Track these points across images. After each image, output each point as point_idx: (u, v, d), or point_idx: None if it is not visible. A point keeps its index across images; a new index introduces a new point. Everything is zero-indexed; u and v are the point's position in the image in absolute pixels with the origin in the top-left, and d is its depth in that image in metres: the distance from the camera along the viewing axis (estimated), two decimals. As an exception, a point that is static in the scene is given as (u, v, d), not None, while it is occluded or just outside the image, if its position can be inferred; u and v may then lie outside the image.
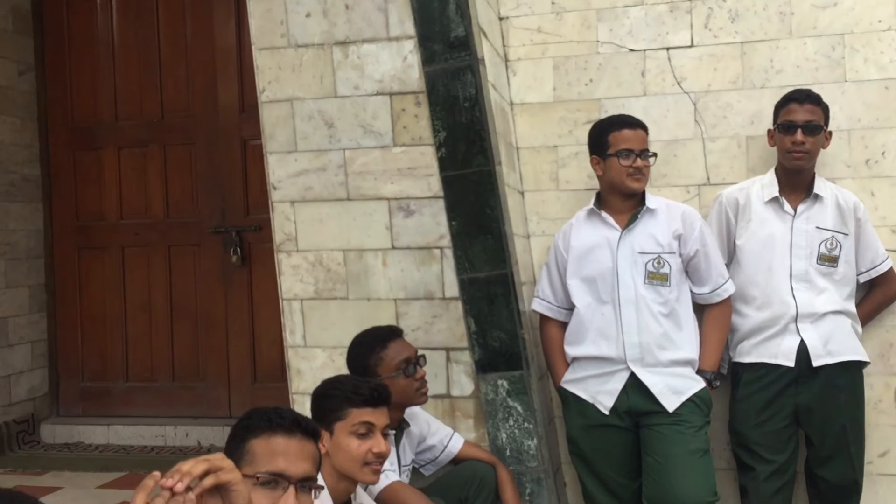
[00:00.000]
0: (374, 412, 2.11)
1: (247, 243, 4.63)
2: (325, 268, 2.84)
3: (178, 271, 4.76)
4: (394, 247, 2.79)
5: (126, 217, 4.82)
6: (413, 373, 2.49)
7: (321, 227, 2.84)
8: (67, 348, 4.85)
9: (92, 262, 4.85)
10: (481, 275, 2.71)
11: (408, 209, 2.77)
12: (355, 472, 2.08)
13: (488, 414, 2.73)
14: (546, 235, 3.08)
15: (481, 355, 2.72)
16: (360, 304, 2.83)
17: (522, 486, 2.71)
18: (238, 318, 4.65)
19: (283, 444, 1.66)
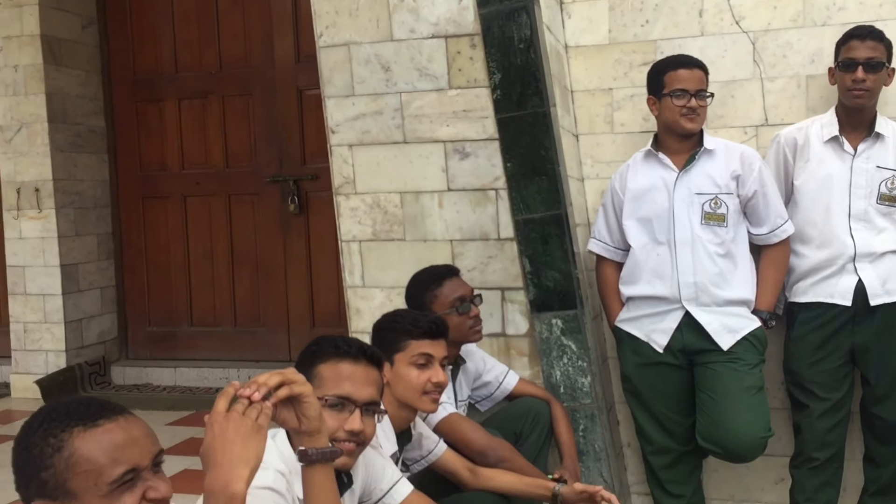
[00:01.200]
0: (432, 344, 2.18)
1: (304, 192, 4.73)
2: (382, 210, 2.91)
3: (238, 220, 4.88)
4: (449, 189, 2.84)
5: (187, 167, 4.95)
6: (466, 311, 2.55)
7: (378, 170, 2.89)
8: (134, 294, 5.04)
9: (155, 211, 5.00)
10: (536, 215, 2.74)
11: (463, 151, 2.81)
12: (415, 401, 2.16)
13: (542, 352, 2.78)
14: (600, 179, 3.09)
15: (536, 295, 2.77)
16: (417, 245, 2.88)
17: (576, 423, 2.77)
18: (296, 265, 4.76)
19: (350, 370, 1.74)
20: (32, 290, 4.66)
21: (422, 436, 2.32)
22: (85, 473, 1.22)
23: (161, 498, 1.26)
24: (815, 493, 2.70)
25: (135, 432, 1.28)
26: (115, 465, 1.23)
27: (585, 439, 2.77)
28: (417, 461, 2.33)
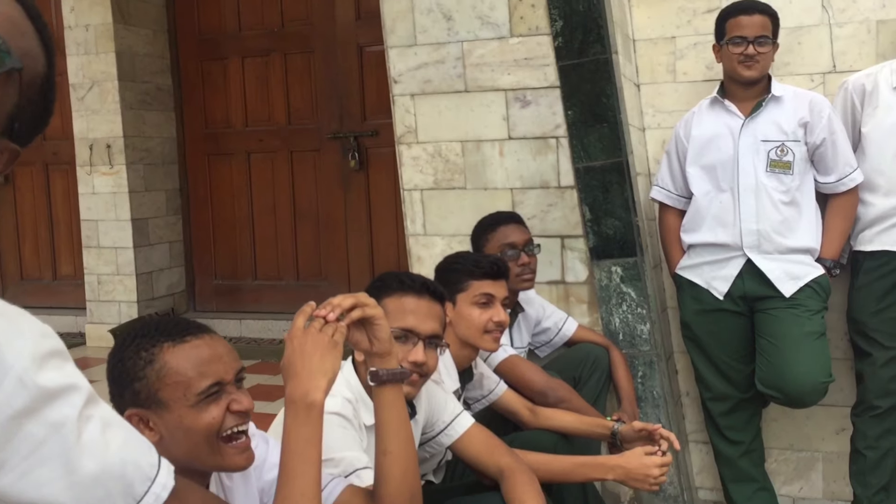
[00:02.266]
0: (493, 284, 2.22)
1: (364, 148, 4.79)
2: (443, 158, 2.95)
3: (300, 176, 4.98)
4: (510, 137, 2.86)
5: (251, 124, 5.06)
6: (513, 257, 2.58)
7: (440, 119, 2.93)
8: (201, 248, 5.19)
9: (220, 168, 5.13)
10: (597, 163, 2.75)
11: (524, 99, 2.83)
12: (476, 340, 2.21)
13: (602, 299, 2.81)
14: (661, 128, 3.08)
15: (596, 242, 2.79)
16: (477, 194, 2.92)
17: (635, 369, 2.79)
18: (356, 220, 4.85)
19: (414, 304, 1.81)
20: (105, 244, 4.84)
21: (482, 376, 2.38)
22: (174, 385, 1.30)
23: (244, 410, 1.35)
24: (877, 440, 2.69)
25: (219, 349, 1.36)
26: (201, 378, 1.31)
27: (644, 386, 2.80)
28: (478, 400, 2.39)
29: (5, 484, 0.88)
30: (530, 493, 1.85)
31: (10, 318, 0.90)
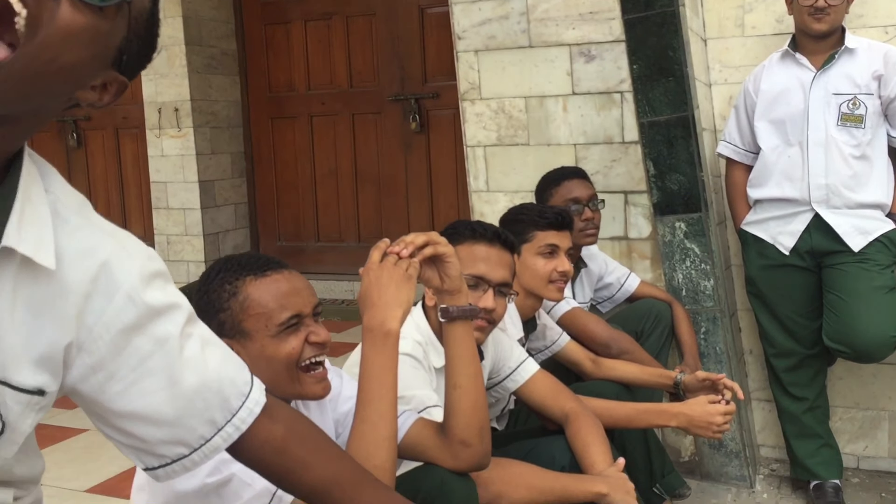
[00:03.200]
0: (558, 235, 2.24)
1: (424, 110, 4.82)
2: (506, 115, 2.96)
3: (361, 138, 5.04)
4: (574, 92, 2.86)
5: (313, 87, 5.13)
6: (577, 212, 2.59)
7: (503, 75, 2.94)
8: (265, 210, 5.31)
9: (284, 131, 5.22)
10: (662, 118, 2.73)
11: (589, 54, 2.82)
12: (541, 289, 2.24)
13: (665, 255, 2.80)
14: (729, 84, 3.04)
15: (659, 198, 2.78)
16: (540, 150, 2.93)
17: (698, 325, 2.79)
18: (417, 182, 4.89)
19: (485, 252, 1.84)
20: (174, 205, 4.98)
21: (546, 327, 2.41)
22: (257, 316, 1.37)
23: (321, 342, 1.40)
24: (947, 399, 2.65)
25: (298, 284, 1.42)
26: (282, 310, 1.37)
27: (707, 342, 2.79)
28: (541, 351, 2.42)
29: (114, 393, 0.94)
30: (595, 436, 1.88)
31: (119, 239, 0.97)
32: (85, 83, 0.89)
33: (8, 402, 0.88)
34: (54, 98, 0.88)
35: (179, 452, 1.01)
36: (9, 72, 0.80)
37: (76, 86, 0.88)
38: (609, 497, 1.72)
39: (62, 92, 0.88)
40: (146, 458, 1.01)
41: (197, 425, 1.00)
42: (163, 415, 0.97)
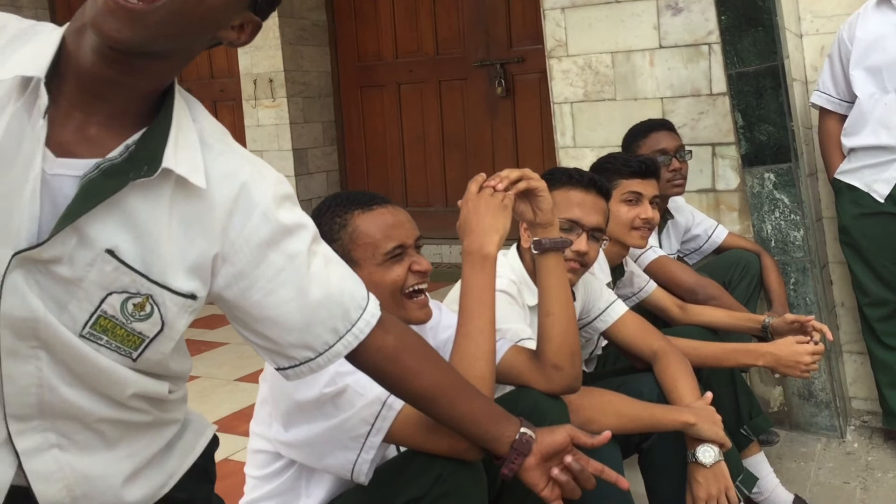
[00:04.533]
0: (642, 182, 2.29)
1: (510, 75, 4.88)
2: (593, 71, 3.01)
3: (448, 104, 5.14)
4: (661, 46, 2.88)
5: (401, 56, 5.25)
6: (665, 163, 2.63)
7: (590, 32, 2.98)
8: (356, 177, 5.48)
9: (372, 99, 5.36)
10: (750, 68, 2.73)
11: (676, 7, 2.83)
12: (624, 236, 2.30)
13: (753, 206, 2.81)
14: (820, 34, 3.00)
15: (748, 149, 2.79)
16: (627, 105, 2.97)
17: (787, 276, 2.80)
18: (503, 146, 4.97)
19: (580, 197, 1.92)
20: (269, 173, 5.18)
21: (633, 274, 2.47)
22: (364, 245, 1.48)
23: (423, 270, 1.51)
24: None
25: (402, 217, 1.53)
26: (387, 241, 1.49)
27: (796, 292, 2.80)
28: (628, 297, 2.48)
29: (253, 301, 1.08)
30: (683, 372, 1.94)
31: (255, 164, 1.10)
32: (226, 23, 1.01)
33: (167, 304, 1.02)
34: (200, 37, 1.01)
35: (306, 356, 1.13)
36: (163, 13, 0.92)
37: (219, 26, 1.01)
38: (696, 426, 1.78)
39: (207, 31, 1.00)
40: (278, 359, 1.14)
41: (322, 332, 1.12)
42: (293, 321, 1.10)
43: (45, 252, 0.94)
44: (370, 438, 1.34)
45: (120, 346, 1.02)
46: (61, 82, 0.97)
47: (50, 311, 0.97)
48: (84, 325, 0.99)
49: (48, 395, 1.01)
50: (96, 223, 0.96)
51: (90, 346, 1.00)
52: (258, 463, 1.50)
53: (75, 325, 0.99)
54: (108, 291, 0.99)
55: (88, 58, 0.96)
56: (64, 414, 1.03)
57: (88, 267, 0.97)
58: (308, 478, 1.46)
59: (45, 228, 0.95)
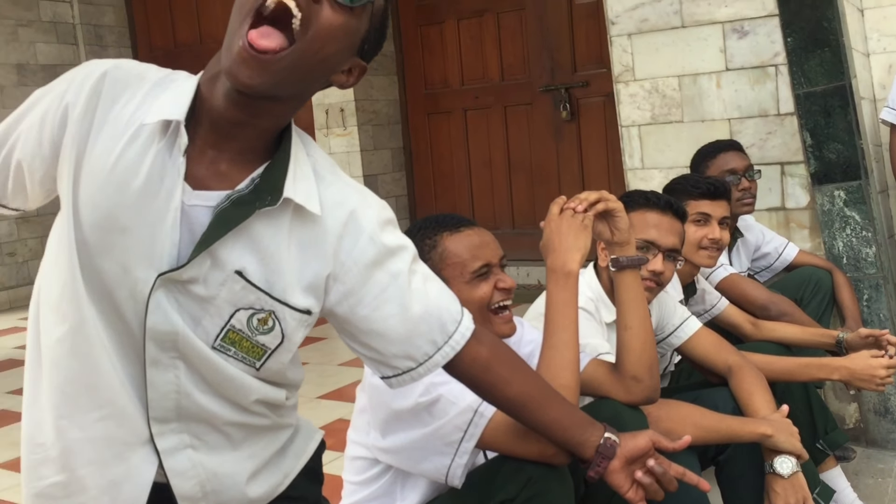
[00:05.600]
0: (711, 203, 2.35)
1: (574, 99, 4.97)
2: (660, 94, 3.08)
3: (514, 129, 5.25)
4: (727, 68, 2.95)
5: (466, 83, 5.39)
6: (734, 182, 2.68)
7: (657, 56, 3.06)
8: (424, 201, 5.62)
9: (439, 126, 5.51)
10: (818, 88, 2.78)
11: (741, 30, 2.90)
12: (692, 256, 2.35)
13: (824, 224, 2.84)
14: (887, 53, 3.03)
15: (817, 167, 2.82)
16: (695, 126, 3.03)
17: (860, 293, 2.81)
18: (568, 169, 5.05)
19: (657, 219, 1.99)
20: (341, 198, 5.36)
21: (704, 291, 2.52)
22: (453, 265, 1.59)
23: (508, 287, 1.61)
24: None
25: (487, 238, 1.64)
26: (474, 260, 1.59)
27: (869, 309, 2.81)
28: (700, 315, 2.53)
29: (361, 316, 1.18)
30: (758, 386, 1.99)
31: (361, 192, 1.22)
32: (339, 69, 1.14)
33: (287, 319, 1.14)
34: (317, 81, 1.14)
35: (408, 365, 1.24)
36: (287, 61, 1.05)
37: (332, 71, 1.13)
38: (774, 438, 1.83)
39: (323, 76, 1.13)
40: (383, 369, 1.25)
41: (422, 344, 1.22)
42: (397, 334, 1.20)
43: (184, 274, 1.07)
44: (463, 444, 1.43)
45: (246, 356, 1.15)
46: (197, 124, 1.10)
47: (187, 325, 1.10)
48: (216, 338, 1.12)
49: (184, 401, 1.13)
50: (227, 247, 1.09)
51: (220, 357, 1.13)
52: (356, 469, 1.61)
53: (208, 338, 1.11)
54: (237, 308, 1.11)
55: (220, 102, 1.09)
56: (197, 417, 1.15)
57: (220, 286, 1.09)
58: (403, 482, 1.56)
59: (183, 253, 1.08)
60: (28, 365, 1.17)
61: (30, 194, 1.19)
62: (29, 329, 1.18)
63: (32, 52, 5.89)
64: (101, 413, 1.11)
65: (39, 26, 5.93)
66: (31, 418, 1.16)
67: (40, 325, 1.14)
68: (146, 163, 1.08)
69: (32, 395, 1.16)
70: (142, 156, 1.08)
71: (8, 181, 1.19)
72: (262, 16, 1.03)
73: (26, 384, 1.17)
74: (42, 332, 1.13)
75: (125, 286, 1.08)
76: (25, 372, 1.17)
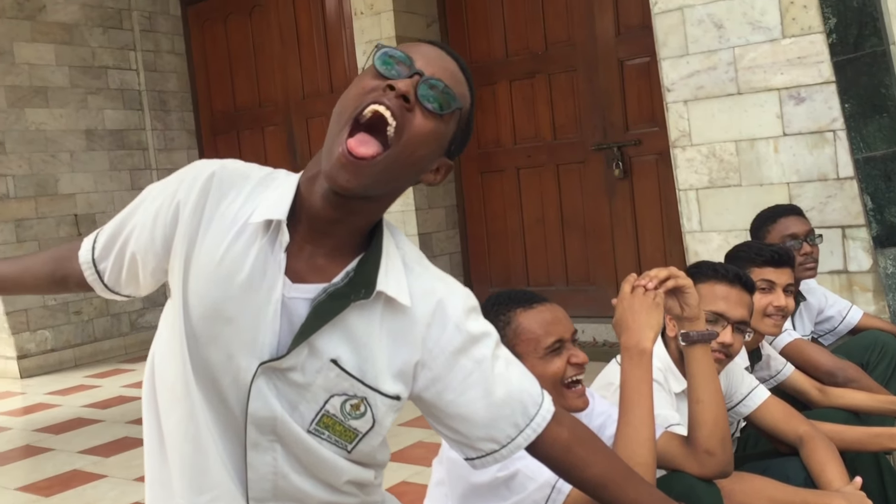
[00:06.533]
0: (775, 271, 2.36)
1: (627, 157, 5.02)
2: (717, 158, 3.12)
3: (566, 187, 5.31)
4: (785, 133, 2.98)
5: (519, 142, 5.47)
6: (795, 247, 2.69)
7: (713, 122, 3.11)
8: (477, 259, 5.68)
9: (492, 184, 5.59)
10: (877, 153, 2.79)
11: (798, 97, 2.94)
12: (758, 324, 2.35)
13: (888, 287, 2.83)
14: (947, 114, 3.03)
15: (879, 231, 2.82)
16: (753, 190, 3.06)
17: (927, 356, 2.78)
18: (622, 226, 5.08)
19: (725, 291, 2.02)
20: (397, 256, 5.45)
21: (770, 357, 2.52)
22: (527, 341, 1.64)
23: (581, 362, 1.65)
24: None
25: (559, 314, 1.69)
26: (547, 336, 1.64)
27: (938, 373, 2.77)
28: (766, 381, 2.52)
29: (447, 400, 1.24)
30: (831, 457, 1.98)
31: (447, 282, 1.28)
32: (428, 169, 1.21)
33: (378, 404, 1.19)
34: (407, 181, 1.21)
35: (491, 447, 1.28)
36: (382, 165, 1.12)
37: (422, 171, 1.21)
38: (848, 512, 1.82)
39: (413, 177, 1.20)
40: (467, 451, 1.30)
41: (505, 427, 1.27)
42: (481, 418, 1.25)
43: (284, 363, 1.14)
44: (541, 520, 1.46)
45: (339, 440, 1.20)
46: (296, 221, 1.18)
47: (285, 410, 1.16)
48: (311, 422, 1.18)
49: (281, 481, 1.19)
50: (323, 337, 1.15)
51: (315, 440, 1.19)
52: (434, 541, 1.65)
53: (304, 422, 1.18)
54: (331, 394, 1.17)
55: (318, 202, 1.16)
56: (292, 497, 1.21)
57: (316, 374, 1.16)
58: (481, 555, 1.59)
59: (283, 342, 1.15)
60: (149, 443, 1.25)
61: (141, 283, 1.28)
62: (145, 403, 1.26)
63: (101, 118, 6.16)
64: (212, 495, 1.17)
65: (108, 94, 6.20)
66: (156, 497, 1.23)
67: (158, 404, 1.22)
68: (250, 258, 1.16)
69: (158, 475, 1.23)
70: (246, 251, 1.16)
71: (122, 271, 1.28)
72: (359, 123, 1.11)
73: (149, 462, 1.25)
74: (161, 412, 1.21)
75: (229, 373, 1.15)
76: (146, 449, 1.25)
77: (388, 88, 1.11)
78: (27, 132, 5.75)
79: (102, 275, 1.31)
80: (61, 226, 5.89)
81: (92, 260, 1.31)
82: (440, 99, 1.14)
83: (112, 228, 1.29)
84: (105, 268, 1.30)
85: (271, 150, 6.37)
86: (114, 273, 1.30)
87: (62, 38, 5.95)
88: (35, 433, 4.07)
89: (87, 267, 1.31)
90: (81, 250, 1.32)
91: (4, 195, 5.61)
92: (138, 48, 6.38)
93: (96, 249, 1.30)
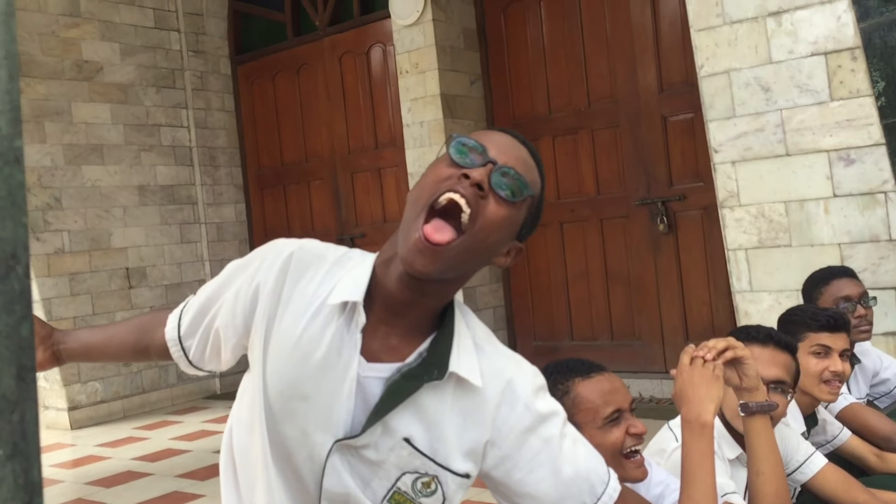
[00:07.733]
0: (830, 336, 2.36)
1: (672, 212, 5.03)
2: (766, 219, 3.13)
3: (610, 241, 5.32)
4: (835, 195, 2.98)
5: (563, 197, 5.51)
6: (849, 310, 2.67)
7: (761, 183, 3.12)
8: (521, 312, 5.69)
9: (536, 238, 5.62)
10: (930, 215, 2.78)
11: (848, 158, 2.94)
12: (812, 389, 2.35)
13: (945, 350, 2.80)
14: None
15: (934, 293, 2.80)
16: (804, 250, 3.06)
17: None
18: (667, 281, 5.07)
19: (757, 353, 2.02)
20: (440, 310, 5.49)
21: (825, 422, 2.50)
22: (586, 410, 1.66)
23: (639, 433, 1.66)
24: None
25: (617, 383, 1.71)
26: (606, 406, 1.66)
27: None
28: (822, 445, 2.50)
29: (516, 479, 1.26)
30: (891, 527, 1.96)
31: (516, 361, 1.31)
32: (499, 252, 1.25)
33: (448, 483, 1.22)
34: (479, 264, 1.25)
35: None
36: (456, 250, 1.17)
37: (494, 255, 1.25)
38: (912, 585, 1.79)
39: (485, 260, 1.25)
40: None
41: None
42: (549, 497, 1.27)
43: (359, 441, 1.18)
44: None
45: (409, 516, 1.23)
46: (371, 302, 1.22)
47: (358, 486, 1.19)
48: (382, 499, 1.21)
49: None
50: (396, 416, 1.19)
51: (386, 516, 1.22)
52: None
53: (376, 498, 1.21)
54: (403, 472, 1.20)
55: (393, 284, 1.21)
56: None
57: (389, 451, 1.19)
58: None
59: (357, 419, 1.19)
60: None
61: (223, 358, 1.34)
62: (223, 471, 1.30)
63: (153, 173, 6.34)
64: None
65: (160, 150, 6.39)
66: None
67: (238, 478, 1.26)
68: (327, 337, 1.20)
69: None
70: (323, 331, 1.21)
71: (207, 346, 1.34)
72: (434, 210, 1.16)
73: None
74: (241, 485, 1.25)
75: (304, 449, 1.19)
76: None
77: (463, 177, 1.16)
78: (83, 188, 5.93)
79: (188, 352, 1.36)
80: (113, 279, 6.03)
81: (178, 337, 1.36)
82: (512, 186, 1.19)
83: (198, 306, 1.35)
84: (191, 345, 1.36)
85: (317, 203, 6.49)
86: (199, 350, 1.35)
87: (118, 98, 6.16)
88: (86, 486, 4.13)
89: (173, 344, 1.37)
90: (167, 327, 1.38)
91: (60, 249, 5.78)
92: (190, 106, 6.58)
93: (182, 327, 1.36)
